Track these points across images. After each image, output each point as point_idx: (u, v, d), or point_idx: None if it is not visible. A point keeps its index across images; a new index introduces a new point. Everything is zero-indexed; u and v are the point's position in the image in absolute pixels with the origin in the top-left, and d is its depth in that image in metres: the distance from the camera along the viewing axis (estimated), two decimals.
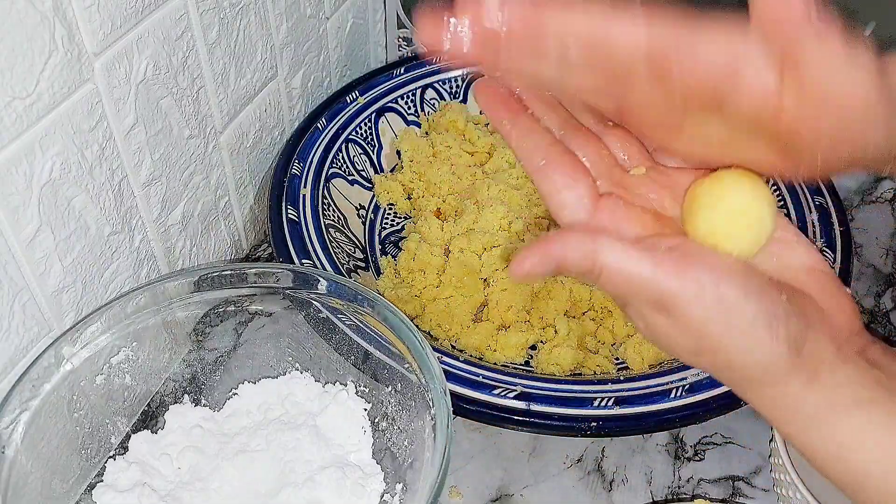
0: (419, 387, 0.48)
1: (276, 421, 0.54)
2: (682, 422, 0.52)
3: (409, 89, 0.76)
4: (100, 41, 0.47)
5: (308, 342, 0.55)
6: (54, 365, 0.47)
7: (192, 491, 0.50)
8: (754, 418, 0.59)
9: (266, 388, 0.55)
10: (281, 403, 0.54)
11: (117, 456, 0.51)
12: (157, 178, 0.56)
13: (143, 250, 0.56)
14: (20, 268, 0.46)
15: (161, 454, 0.51)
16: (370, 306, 0.51)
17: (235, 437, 0.53)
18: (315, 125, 0.70)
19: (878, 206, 0.77)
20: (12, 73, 0.41)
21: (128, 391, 0.52)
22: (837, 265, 0.61)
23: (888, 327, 0.67)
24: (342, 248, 0.63)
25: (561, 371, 0.57)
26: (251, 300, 0.54)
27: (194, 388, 0.55)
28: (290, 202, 0.63)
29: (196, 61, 0.56)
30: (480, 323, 0.60)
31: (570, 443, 0.57)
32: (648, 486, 0.56)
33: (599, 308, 0.62)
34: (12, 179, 0.43)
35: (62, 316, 0.50)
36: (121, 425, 0.53)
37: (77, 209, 0.49)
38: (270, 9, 0.64)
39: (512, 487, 0.55)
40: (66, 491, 0.49)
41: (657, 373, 0.54)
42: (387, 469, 0.51)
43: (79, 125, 0.47)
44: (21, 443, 0.45)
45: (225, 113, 0.62)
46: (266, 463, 0.51)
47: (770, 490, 0.55)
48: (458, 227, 0.66)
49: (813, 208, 0.65)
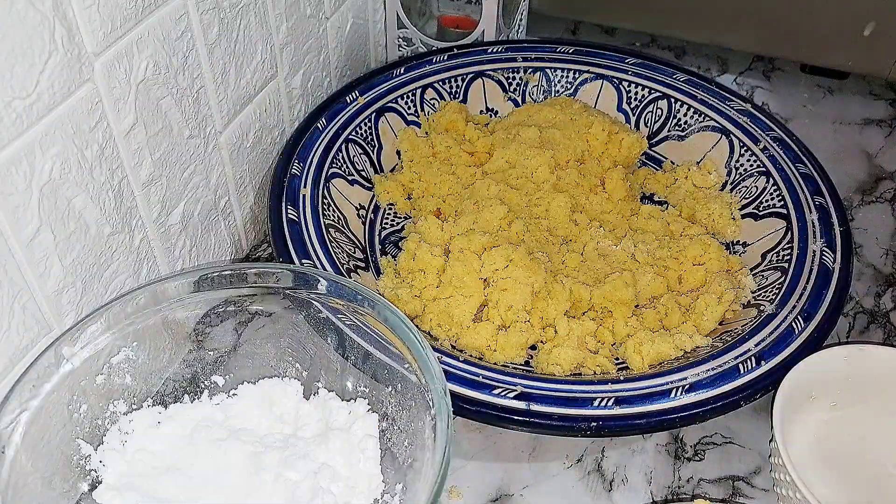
0: (419, 387, 0.48)
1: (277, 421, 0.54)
2: (682, 422, 0.52)
3: (409, 89, 0.76)
4: (100, 41, 0.47)
5: (308, 342, 0.55)
6: (54, 365, 0.47)
7: (193, 491, 0.50)
8: (754, 418, 0.59)
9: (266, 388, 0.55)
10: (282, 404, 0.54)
11: (118, 456, 0.51)
12: (157, 178, 0.56)
13: (143, 250, 0.56)
14: (20, 268, 0.46)
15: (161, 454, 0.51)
16: (370, 306, 0.51)
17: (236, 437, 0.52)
18: (315, 125, 0.70)
19: (878, 206, 0.77)
20: (12, 73, 0.41)
21: (128, 391, 0.52)
22: (837, 265, 0.61)
23: (888, 327, 0.67)
24: (342, 248, 0.63)
25: (561, 371, 0.57)
26: (251, 300, 0.54)
27: (194, 388, 0.55)
28: (290, 202, 0.63)
29: (196, 61, 0.56)
30: (480, 323, 0.60)
31: (570, 443, 0.57)
32: (648, 486, 0.56)
33: (599, 308, 0.62)
34: (12, 179, 0.43)
35: (62, 316, 0.50)
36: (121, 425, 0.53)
37: (77, 209, 0.49)
38: (270, 9, 0.64)
39: (512, 487, 0.55)
40: (67, 491, 0.49)
41: (657, 373, 0.54)
42: (387, 469, 0.51)
43: (79, 125, 0.47)
44: (21, 443, 0.45)
45: (225, 113, 0.62)
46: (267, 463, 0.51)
47: (770, 490, 0.55)
48: (458, 227, 0.66)
49: (813, 208, 0.65)
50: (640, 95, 0.77)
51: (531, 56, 0.80)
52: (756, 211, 0.69)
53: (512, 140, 0.73)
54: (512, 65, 0.79)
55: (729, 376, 0.53)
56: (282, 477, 0.50)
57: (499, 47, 0.80)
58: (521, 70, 0.79)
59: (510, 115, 0.78)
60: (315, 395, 0.55)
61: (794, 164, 0.69)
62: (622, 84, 0.78)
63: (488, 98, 0.79)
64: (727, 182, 0.72)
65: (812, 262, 0.61)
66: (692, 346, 0.58)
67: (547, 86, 0.79)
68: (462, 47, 0.80)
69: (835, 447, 0.57)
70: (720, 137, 0.73)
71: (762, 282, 0.63)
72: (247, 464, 0.51)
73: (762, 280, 0.63)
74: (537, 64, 0.79)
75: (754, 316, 0.59)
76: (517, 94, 0.80)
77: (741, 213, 0.70)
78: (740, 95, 0.76)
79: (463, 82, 0.78)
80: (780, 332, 0.56)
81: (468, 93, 0.78)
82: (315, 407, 0.54)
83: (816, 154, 0.70)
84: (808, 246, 0.62)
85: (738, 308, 0.61)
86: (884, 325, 0.67)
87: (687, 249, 0.65)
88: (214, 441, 0.52)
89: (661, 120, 0.77)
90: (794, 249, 0.63)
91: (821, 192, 0.67)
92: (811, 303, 0.58)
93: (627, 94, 0.78)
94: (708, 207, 0.69)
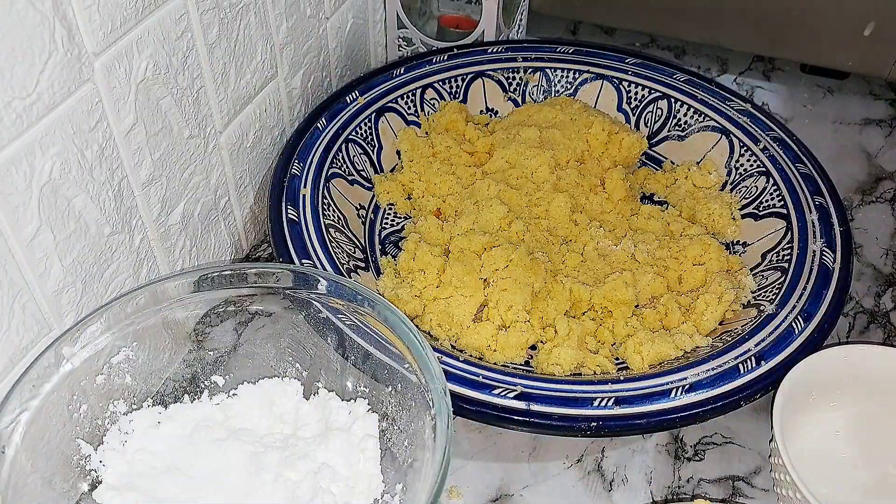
0: (419, 387, 0.48)
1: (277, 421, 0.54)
2: (682, 422, 0.52)
3: (409, 89, 0.76)
4: (100, 41, 0.47)
5: (308, 342, 0.55)
6: (54, 365, 0.47)
7: (193, 491, 0.50)
8: (754, 418, 0.59)
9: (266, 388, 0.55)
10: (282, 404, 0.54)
11: (118, 456, 0.51)
12: (157, 178, 0.56)
13: (143, 250, 0.56)
14: (20, 268, 0.46)
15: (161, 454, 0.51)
16: (370, 306, 0.51)
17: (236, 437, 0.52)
18: (315, 125, 0.70)
19: (878, 206, 0.77)
20: (12, 73, 0.41)
21: (128, 391, 0.52)
22: (837, 265, 0.61)
23: (888, 327, 0.67)
24: (342, 248, 0.63)
25: (561, 371, 0.57)
26: (251, 300, 0.54)
27: (194, 388, 0.55)
28: (290, 202, 0.63)
29: (196, 61, 0.56)
30: (480, 323, 0.60)
31: (570, 443, 0.57)
32: (648, 486, 0.56)
33: (599, 308, 0.62)
34: (12, 179, 0.43)
35: (62, 316, 0.50)
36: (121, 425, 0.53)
37: (77, 209, 0.49)
38: (270, 9, 0.64)
39: (512, 487, 0.55)
40: (67, 491, 0.49)
41: (657, 373, 0.54)
42: (387, 469, 0.51)
43: (79, 125, 0.47)
44: (21, 443, 0.45)
45: (225, 113, 0.62)
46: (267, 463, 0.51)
47: (770, 490, 0.55)
48: (458, 227, 0.66)
49: (813, 208, 0.65)
50: (640, 95, 0.78)
51: (531, 56, 0.80)
52: (756, 211, 0.69)
53: (512, 140, 0.73)
54: (512, 65, 0.79)
55: (729, 376, 0.53)
56: (282, 477, 0.50)
57: (499, 47, 0.80)
58: (521, 70, 0.79)
59: (510, 115, 0.78)
60: (315, 395, 0.55)
61: (794, 164, 0.69)
62: (622, 84, 0.78)
63: (488, 98, 0.79)
64: (727, 182, 0.72)
65: (812, 262, 0.61)
66: (692, 346, 0.58)
67: (547, 86, 0.79)
68: (462, 47, 0.80)
69: (835, 447, 0.57)
70: (720, 137, 0.73)
71: (762, 282, 0.63)
72: (247, 464, 0.51)
73: (762, 280, 0.63)
74: (537, 64, 0.79)
75: (754, 316, 0.59)
76: (517, 94, 0.80)
77: (741, 213, 0.70)
78: (740, 95, 0.76)
79: (463, 82, 0.78)
80: (780, 332, 0.56)
81: (468, 93, 0.78)
82: (315, 407, 0.54)
83: (816, 154, 0.70)
84: (808, 246, 0.62)
85: (738, 308, 0.61)
86: (884, 325, 0.67)
87: (687, 249, 0.65)
88: (214, 441, 0.52)
89: (661, 120, 0.77)
90: (794, 249, 0.63)
91: (821, 192, 0.67)
92: (811, 303, 0.58)
93: (627, 94, 0.78)
94: (708, 207, 0.69)
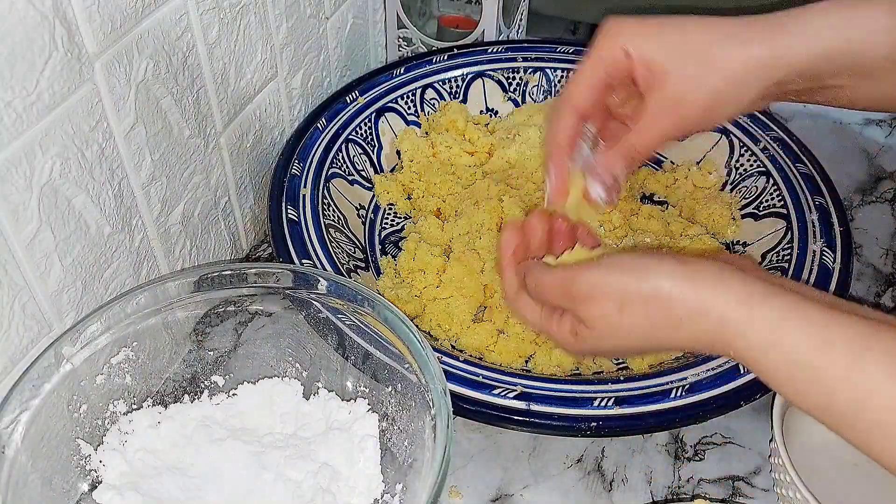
0: (419, 387, 0.48)
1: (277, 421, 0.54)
2: (682, 422, 0.52)
3: (409, 89, 0.76)
4: (100, 41, 0.47)
5: (308, 342, 0.55)
6: (54, 365, 0.47)
7: (193, 490, 0.50)
8: (754, 418, 0.59)
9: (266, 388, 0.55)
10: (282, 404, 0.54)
11: (118, 456, 0.51)
12: (157, 178, 0.56)
13: (143, 250, 0.56)
14: (20, 268, 0.46)
15: (162, 454, 0.51)
16: (370, 306, 0.51)
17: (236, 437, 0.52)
18: (315, 125, 0.70)
19: (878, 206, 0.77)
20: (12, 73, 0.41)
21: (128, 391, 0.52)
22: (837, 265, 0.61)
23: None
24: (342, 248, 0.63)
25: (561, 371, 0.57)
26: (251, 300, 0.54)
27: (194, 388, 0.55)
28: (290, 202, 0.63)
29: (196, 61, 0.56)
30: (480, 323, 0.60)
31: (570, 443, 0.57)
32: (648, 486, 0.56)
33: None
34: (12, 179, 0.43)
35: (62, 316, 0.50)
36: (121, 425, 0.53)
37: (77, 209, 0.49)
38: (270, 9, 0.64)
39: (512, 487, 0.55)
40: (67, 491, 0.49)
41: (657, 373, 0.54)
42: (387, 469, 0.51)
43: (79, 125, 0.47)
44: (21, 443, 0.45)
45: (225, 113, 0.62)
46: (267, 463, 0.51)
47: (770, 490, 0.55)
48: (458, 227, 0.66)
49: (813, 208, 0.65)
50: None
51: (531, 56, 0.80)
52: (756, 211, 0.69)
53: (512, 140, 0.73)
54: (512, 65, 0.79)
55: (729, 376, 0.53)
56: (282, 477, 0.50)
57: (499, 47, 0.80)
58: (521, 70, 0.79)
59: (510, 115, 0.78)
60: (315, 395, 0.55)
61: (794, 164, 0.69)
62: None
63: (488, 98, 0.79)
64: (727, 182, 0.72)
65: (812, 262, 0.61)
66: None
67: (547, 86, 0.79)
68: (462, 47, 0.80)
69: (835, 447, 0.57)
70: (720, 137, 0.73)
71: None
72: (247, 464, 0.51)
73: None
74: (537, 64, 0.79)
75: None
76: (517, 94, 0.80)
77: (741, 213, 0.69)
78: None
79: (463, 82, 0.78)
80: None
81: (468, 93, 0.78)
82: (315, 407, 0.54)
83: (816, 154, 0.70)
84: (808, 246, 0.62)
85: None
86: None
87: (687, 249, 0.65)
88: (214, 441, 0.52)
89: None
90: (794, 249, 0.63)
91: (821, 192, 0.67)
92: None
93: None
94: (708, 207, 0.69)
